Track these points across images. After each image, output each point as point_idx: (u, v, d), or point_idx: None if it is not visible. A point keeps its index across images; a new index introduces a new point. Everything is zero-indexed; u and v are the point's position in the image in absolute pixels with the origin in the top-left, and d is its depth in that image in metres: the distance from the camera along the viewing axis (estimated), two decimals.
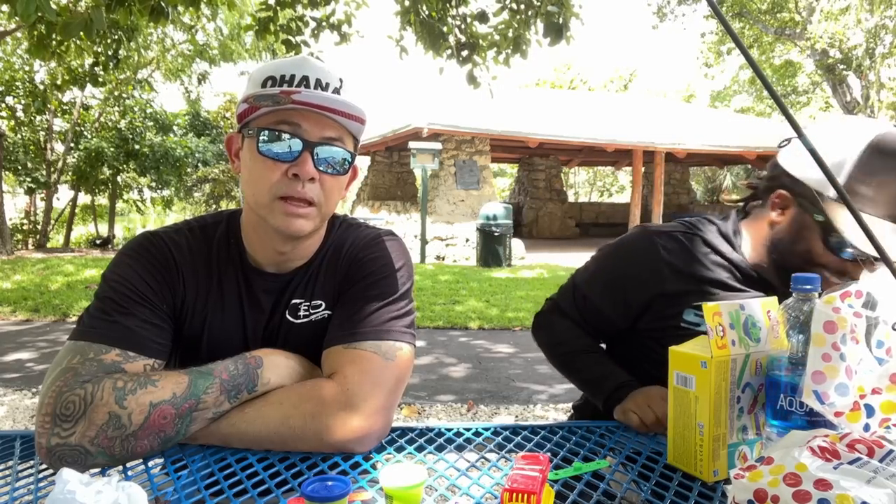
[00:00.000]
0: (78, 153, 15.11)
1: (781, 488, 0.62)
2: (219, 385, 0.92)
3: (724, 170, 23.23)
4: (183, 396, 0.90)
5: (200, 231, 1.11)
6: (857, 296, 0.78)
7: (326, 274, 1.11)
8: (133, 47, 11.93)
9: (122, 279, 1.00)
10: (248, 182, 1.02)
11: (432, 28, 4.78)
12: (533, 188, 17.75)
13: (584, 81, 33.57)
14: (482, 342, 5.49)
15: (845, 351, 0.74)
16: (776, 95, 0.73)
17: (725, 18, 0.72)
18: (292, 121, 0.98)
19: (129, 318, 0.97)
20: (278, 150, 0.97)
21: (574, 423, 1.09)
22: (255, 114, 0.99)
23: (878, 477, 0.60)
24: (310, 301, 1.10)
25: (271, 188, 0.98)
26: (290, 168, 0.97)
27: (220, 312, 1.07)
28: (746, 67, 24.46)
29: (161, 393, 0.89)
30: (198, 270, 1.07)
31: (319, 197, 1.01)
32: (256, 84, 1.00)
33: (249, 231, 1.08)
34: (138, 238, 1.09)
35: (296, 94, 0.94)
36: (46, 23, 3.66)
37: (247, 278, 1.09)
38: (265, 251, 1.07)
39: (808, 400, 0.75)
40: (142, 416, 0.87)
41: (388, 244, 1.14)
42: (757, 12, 19.24)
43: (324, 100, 0.96)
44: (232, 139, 1.08)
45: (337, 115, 0.99)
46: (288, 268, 1.10)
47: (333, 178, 1.02)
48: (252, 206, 1.03)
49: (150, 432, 0.88)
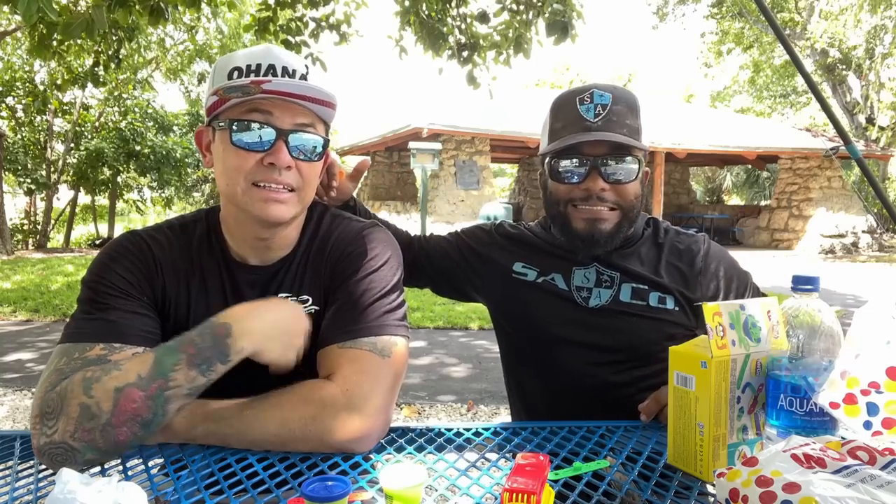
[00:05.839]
0: (78, 153, 15.10)
1: (752, 489, 0.64)
2: (186, 361, 0.88)
3: (723, 170, 23.23)
4: (149, 377, 0.86)
5: (181, 228, 1.11)
6: None
7: (313, 268, 1.11)
8: (134, 47, 11.92)
9: (100, 278, 1.01)
10: (222, 174, 1.01)
11: (432, 28, 4.78)
12: (533, 188, 17.73)
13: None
14: (482, 342, 5.49)
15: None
16: (825, 104, 0.73)
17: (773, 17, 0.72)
18: (263, 109, 0.98)
19: (110, 311, 0.97)
20: (251, 139, 0.97)
21: (574, 424, 1.09)
22: (224, 105, 0.99)
23: (858, 484, 0.61)
24: (297, 295, 1.09)
25: (246, 176, 0.98)
26: (265, 157, 0.98)
27: (205, 307, 1.06)
28: (746, 67, 24.45)
29: (125, 376, 0.86)
30: (179, 265, 1.07)
31: (298, 182, 1.01)
32: (223, 75, 1.00)
33: (230, 223, 1.08)
34: (117, 238, 1.09)
35: (266, 83, 0.94)
36: (47, 23, 3.66)
37: (230, 272, 1.09)
38: (246, 241, 1.07)
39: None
40: (109, 402, 0.85)
41: (374, 237, 1.13)
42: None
43: (294, 87, 0.96)
44: (201, 133, 1.07)
45: (307, 102, 0.99)
46: (271, 258, 1.10)
47: (309, 164, 1.02)
48: (229, 197, 1.02)
49: (125, 418, 0.85)
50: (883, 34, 16.84)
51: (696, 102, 28.98)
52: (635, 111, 1.27)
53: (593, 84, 1.30)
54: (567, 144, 1.24)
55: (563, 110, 1.29)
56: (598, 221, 1.26)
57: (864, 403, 0.77)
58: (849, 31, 16.66)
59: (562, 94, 1.33)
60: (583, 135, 1.23)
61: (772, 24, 1.95)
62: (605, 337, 1.29)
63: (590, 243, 1.28)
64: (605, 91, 1.26)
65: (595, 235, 1.27)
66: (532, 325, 1.35)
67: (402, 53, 4.98)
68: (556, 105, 1.32)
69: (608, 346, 1.28)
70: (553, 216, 1.35)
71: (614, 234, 1.28)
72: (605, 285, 1.32)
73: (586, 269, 1.34)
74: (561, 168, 1.27)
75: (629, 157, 1.25)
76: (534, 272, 1.37)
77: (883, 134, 17.07)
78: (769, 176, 21.05)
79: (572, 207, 1.28)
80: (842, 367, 0.79)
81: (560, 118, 1.29)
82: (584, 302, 1.31)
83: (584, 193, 1.26)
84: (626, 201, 1.27)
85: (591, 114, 1.24)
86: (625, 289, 1.31)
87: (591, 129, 1.23)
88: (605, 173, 1.23)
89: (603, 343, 1.29)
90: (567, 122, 1.27)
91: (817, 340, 0.85)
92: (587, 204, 1.26)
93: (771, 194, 17.66)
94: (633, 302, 1.29)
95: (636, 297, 1.29)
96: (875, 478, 0.62)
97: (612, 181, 1.24)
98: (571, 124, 1.26)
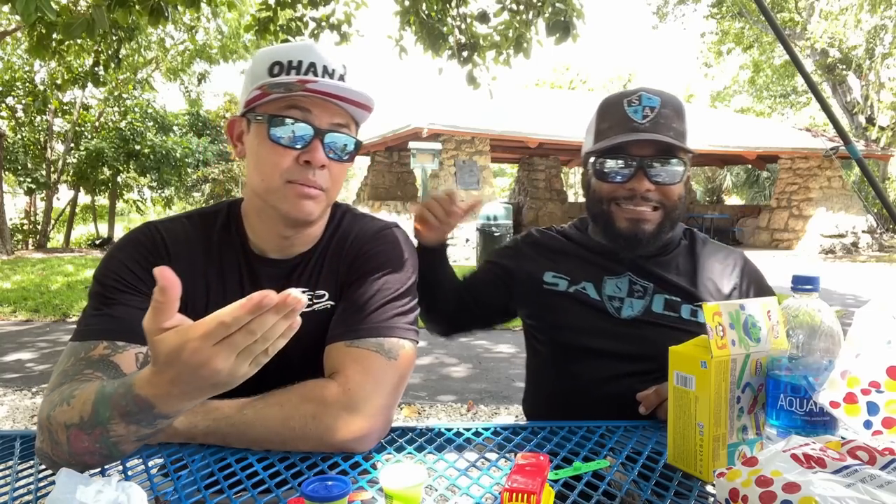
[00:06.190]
0: (78, 153, 15.10)
1: (752, 489, 0.64)
2: (119, 416, 0.76)
3: (724, 170, 23.22)
4: (91, 422, 0.78)
5: (200, 219, 1.11)
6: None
7: (331, 264, 1.10)
8: (134, 47, 11.93)
9: (108, 271, 1.00)
10: (255, 167, 1.01)
11: (432, 28, 4.78)
12: (533, 188, 17.73)
13: (583, 81, 33.55)
14: (482, 342, 5.49)
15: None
16: (825, 104, 0.73)
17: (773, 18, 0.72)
18: (303, 106, 0.98)
19: (117, 307, 0.96)
20: (289, 136, 0.98)
21: (574, 424, 1.09)
22: (263, 99, 0.99)
23: (858, 484, 0.61)
24: (313, 290, 1.09)
25: (282, 174, 0.98)
26: (301, 155, 0.98)
27: (222, 299, 1.05)
28: (746, 67, 24.45)
29: (71, 414, 0.79)
30: (196, 256, 1.06)
31: (328, 183, 1.01)
32: (263, 69, 1.00)
33: (253, 217, 1.08)
34: (132, 230, 1.09)
35: (312, 83, 0.94)
36: (47, 23, 3.66)
37: (249, 265, 1.08)
38: (269, 237, 1.07)
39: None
40: (63, 435, 0.80)
41: (394, 237, 1.13)
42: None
43: (336, 88, 0.97)
44: (234, 123, 1.07)
45: (345, 103, 0.99)
46: (291, 253, 1.09)
47: (340, 164, 1.03)
48: (259, 191, 1.02)
49: (83, 452, 0.79)
50: (883, 34, 16.84)
51: (696, 102, 28.96)
52: (682, 115, 1.28)
53: (641, 87, 1.31)
54: (615, 143, 1.24)
55: (611, 111, 1.30)
56: (641, 221, 1.27)
57: (865, 403, 0.77)
58: (849, 31, 16.65)
59: (609, 97, 1.34)
60: (630, 135, 1.24)
61: (772, 24, 1.95)
62: (635, 347, 1.28)
63: (633, 242, 1.29)
64: (654, 94, 1.27)
65: (638, 235, 1.27)
66: (562, 334, 1.35)
67: (402, 53, 4.98)
68: (602, 106, 1.34)
69: (637, 356, 1.27)
70: (595, 215, 1.35)
71: (656, 234, 1.29)
72: (638, 295, 1.31)
73: (618, 278, 1.33)
74: (606, 167, 1.28)
75: (675, 160, 1.26)
76: (564, 282, 1.36)
77: (883, 134, 17.07)
78: (769, 176, 21.06)
79: (616, 206, 1.29)
80: (842, 367, 0.79)
81: (607, 119, 1.31)
82: (615, 312, 1.30)
83: (628, 193, 1.26)
84: (669, 202, 1.28)
85: (638, 115, 1.26)
86: (657, 300, 1.30)
87: (638, 129, 1.24)
88: (651, 174, 1.24)
89: (632, 353, 1.28)
90: (614, 123, 1.28)
91: (817, 340, 0.85)
92: (631, 203, 1.27)
93: (771, 194, 17.66)
94: (665, 313, 1.29)
95: (669, 309, 1.29)
96: (875, 478, 0.62)
97: (658, 182, 1.25)
98: (618, 125, 1.27)
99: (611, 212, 1.30)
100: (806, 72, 1.90)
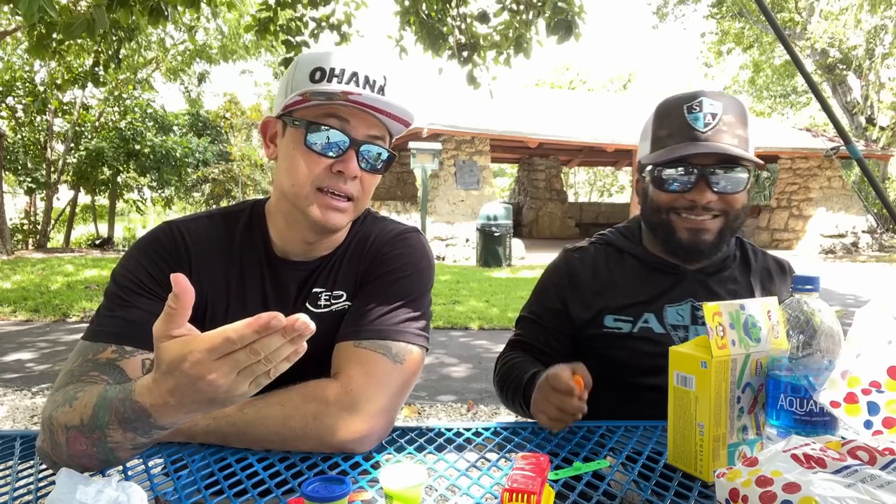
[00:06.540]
0: (78, 153, 15.10)
1: (752, 489, 0.64)
2: (118, 422, 0.77)
3: None
4: (90, 425, 0.78)
5: (222, 218, 1.11)
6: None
7: (349, 265, 1.10)
8: (134, 47, 11.93)
9: (126, 272, 1.00)
10: (287, 172, 1.00)
11: (432, 28, 4.78)
12: (533, 188, 17.73)
13: (583, 81, 33.56)
14: (483, 342, 5.49)
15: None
16: (825, 104, 0.73)
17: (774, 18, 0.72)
18: (341, 116, 0.97)
19: (131, 310, 0.96)
20: (325, 144, 0.97)
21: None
22: (302, 104, 0.98)
23: (858, 484, 0.61)
24: (331, 291, 1.09)
25: (314, 181, 0.98)
26: (334, 164, 0.98)
27: (242, 300, 1.06)
28: (746, 67, 24.45)
29: (72, 416, 0.80)
30: (217, 256, 1.06)
31: (358, 193, 1.01)
32: (304, 74, 0.99)
33: (278, 219, 1.07)
34: (153, 229, 1.08)
35: (356, 95, 0.94)
36: (47, 23, 3.66)
37: (271, 266, 1.08)
38: (293, 240, 1.07)
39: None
40: (63, 437, 0.81)
41: (413, 241, 1.13)
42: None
43: (378, 102, 0.96)
44: (268, 124, 1.06)
45: (384, 116, 0.99)
46: (313, 256, 1.09)
47: (372, 175, 1.03)
48: (289, 196, 1.01)
49: (81, 455, 0.80)
50: (883, 34, 16.83)
51: None
52: (745, 120, 1.22)
53: (700, 90, 1.24)
54: (677, 156, 1.18)
55: (670, 117, 1.24)
56: (701, 232, 1.22)
57: (865, 402, 0.77)
58: (849, 31, 16.66)
59: (667, 100, 1.28)
60: (692, 145, 1.18)
61: (772, 24, 1.95)
62: None
63: (693, 253, 1.25)
64: (715, 99, 1.21)
65: (699, 246, 1.23)
66: (627, 375, 1.26)
67: (402, 53, 4.98)
68: (661, 111, 1.27)
69: None
70: (654, 224, 1.29)
71: (717, 243, 1.24)
72: (701, 322, 1.25)
73: (679, 305, 1.27)
74: (665, 176, 1.22)
75: (738, 168, 1.20)
76: (628, 324, 1.27)
77: (883, 134, 17.07)
78: (769, 176, 21.05)
79: (675, 216, 1.24)
80: (843, 367, 0.79)
81: (665, 125, 1.25)
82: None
83: (689, 203, 1.21)
84: (732, 210, 1.23)
85: (699, 123, 1.19)
86: None
87: (699, 139, 1.18)
88: (713, 183, 1.19)
89: None
90: (673, 130, 1.22)
91: (817, 340, 0.84)
92: (692, 213, 1.22)
93: (771, 194, 17.65)
94: None
95: None
96: (875, 478, 0.62)
97: (720, 192, 1.20)
98: (678, 133, 1.21)
99: (670, 221, 1.24)
100: (806, 72, 1.90)
